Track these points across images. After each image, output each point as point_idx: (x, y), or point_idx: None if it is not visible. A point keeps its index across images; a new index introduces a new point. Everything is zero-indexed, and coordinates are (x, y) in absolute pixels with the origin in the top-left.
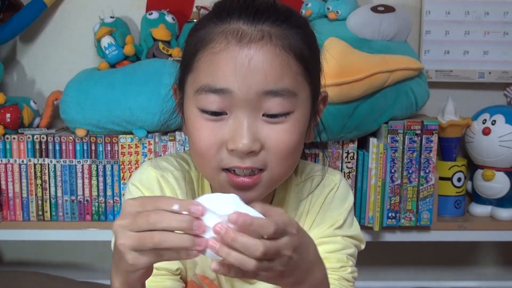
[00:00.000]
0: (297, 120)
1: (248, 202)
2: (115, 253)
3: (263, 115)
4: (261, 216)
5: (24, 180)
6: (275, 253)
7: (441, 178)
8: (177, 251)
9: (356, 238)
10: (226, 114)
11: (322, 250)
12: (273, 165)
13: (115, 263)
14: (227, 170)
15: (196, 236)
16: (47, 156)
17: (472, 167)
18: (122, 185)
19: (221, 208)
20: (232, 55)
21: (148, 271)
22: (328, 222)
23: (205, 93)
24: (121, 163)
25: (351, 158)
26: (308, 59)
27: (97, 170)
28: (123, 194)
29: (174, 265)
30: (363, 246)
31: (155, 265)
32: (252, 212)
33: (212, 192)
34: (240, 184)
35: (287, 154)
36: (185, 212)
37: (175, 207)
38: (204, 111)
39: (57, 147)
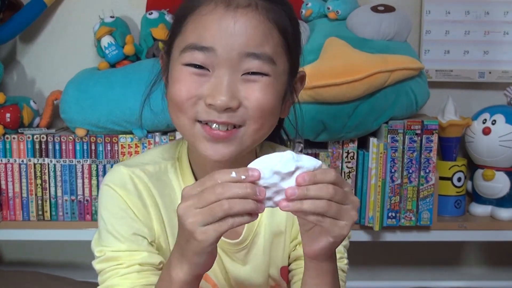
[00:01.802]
0: (274, 83)
1: (220, 158)
2: (181, 239)
3: (242, 74)
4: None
5: (24, 180)
6: (344, 196)
7: (441, 178)
8: (242, 215)
9: None
10: (209, 71)
11: None
12: (250, 122)
13: (180, 250)
14: (202, 123)
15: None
16: (47, 156)
17: (472, 167)
18: None
19: (283, 167)
20: (219, 16)
21: (211, 258)
22: None
23: (191, 51)
24: None
25: (351, 158)
26: (290, 35)
27: (97, 170)
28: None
29: (156, 259)
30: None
31: (139, 261)
32: (309, 160)
33: (196, 179)
34: (214, 135)
35: (263, 111)
36: (243, 177)
37: (233, 174)
38: (188, 65)
39: (57, 147)
